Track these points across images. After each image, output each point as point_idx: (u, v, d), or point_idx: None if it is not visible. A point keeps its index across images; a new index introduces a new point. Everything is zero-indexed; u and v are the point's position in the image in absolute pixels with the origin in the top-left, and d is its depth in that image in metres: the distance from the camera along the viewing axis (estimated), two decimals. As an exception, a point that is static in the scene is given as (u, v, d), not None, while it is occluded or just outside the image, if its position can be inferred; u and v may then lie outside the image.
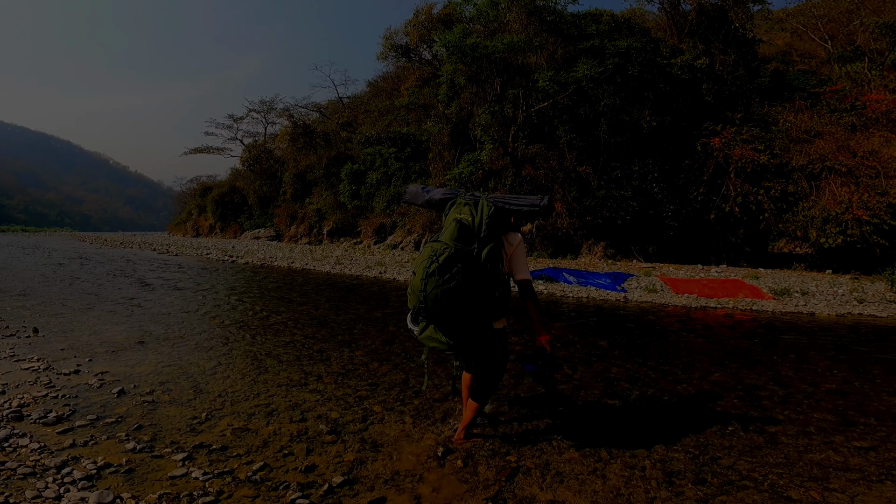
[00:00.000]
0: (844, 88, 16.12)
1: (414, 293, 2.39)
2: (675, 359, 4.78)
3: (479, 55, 16.65)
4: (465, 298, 2.31)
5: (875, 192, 12.53)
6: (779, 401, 3.59)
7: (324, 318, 6.63)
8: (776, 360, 4.72)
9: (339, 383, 3.90)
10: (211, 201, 44.81)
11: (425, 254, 2.37)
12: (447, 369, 4.31)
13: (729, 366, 4.52)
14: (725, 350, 5.13)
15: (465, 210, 2.47)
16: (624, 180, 15.57)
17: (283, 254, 17.38)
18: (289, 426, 3.06)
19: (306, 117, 38.61)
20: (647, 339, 5.55)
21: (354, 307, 7.52)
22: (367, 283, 10.38)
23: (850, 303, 8.40)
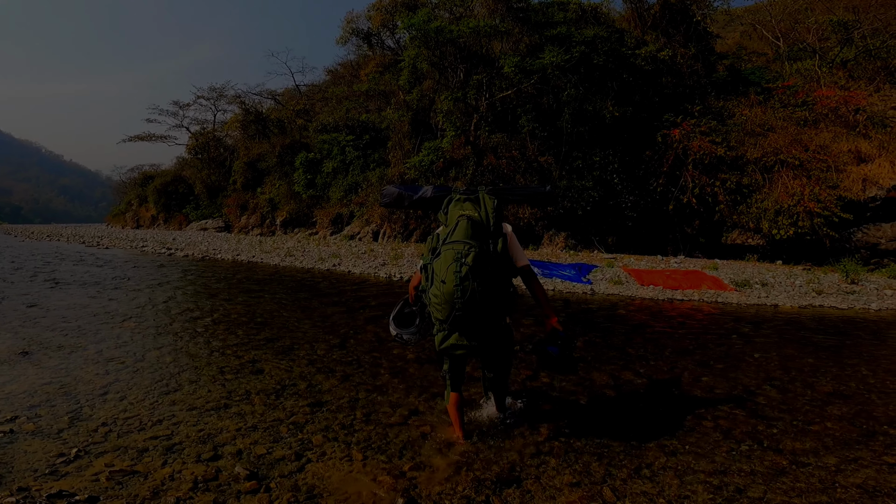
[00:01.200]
0: (796, 84, 16.58)
1: (446, 303, 2.25)
2: (658, 359, 4.36)
3: (443, 40, 15.95)
4: (493, 297, 2.29)
5: (826, 186, 12.86)
6: (781, 408, 3.21)
7: (263, 318, 5.83)
8: (760, 360, 4.39)
9: (270, 405, 3.18)
10: (153, 191, 41.99)
11: (447, 258, 2.24)
12: (406, 380, 3.69)
13: (715, 367, 4.14)
14: (706, 348, 4.78)
15: (467, 206, 2.38)
16: (585, 171, 15.38)
17: (230, 245, 16.12)
18: (193, 467, 2.35)
19: (259, 105, 36.71)
20: (623, 338, 5.13)
21: (302, 305, 6.74)
22: (320, 277, 9.56)
23: (809, 294, 8.41)
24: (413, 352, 4.42)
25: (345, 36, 27.91)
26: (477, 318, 2.27)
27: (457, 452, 2.56)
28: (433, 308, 2.34)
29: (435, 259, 2.32)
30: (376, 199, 20.48)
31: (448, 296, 2.23)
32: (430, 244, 2.45)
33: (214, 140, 39.26)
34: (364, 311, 6.33)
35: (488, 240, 2.32)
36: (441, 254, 2.28)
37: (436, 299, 2.28)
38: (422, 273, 2.50)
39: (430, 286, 2.35)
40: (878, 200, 12.76)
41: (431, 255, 2.40)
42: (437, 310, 2.30)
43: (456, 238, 2.28)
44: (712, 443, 2.68)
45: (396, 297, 7.34)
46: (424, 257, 2.47)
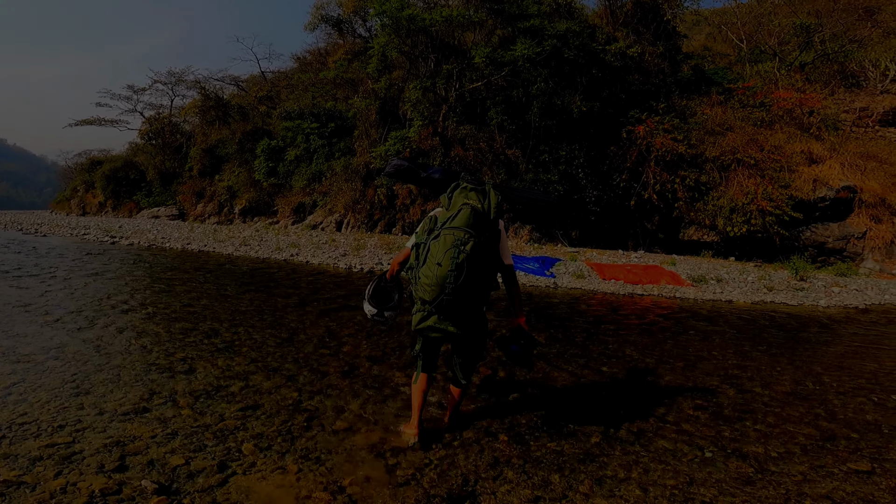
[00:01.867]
0: (755, 86, 17.09)
1: (436, 285, 2.25)
2: (619, 358, 4.25)
3: (415, 28, 15.50)
4: (480, 288, 2.33)
5: (778, 185, 13.30)
6: (743, 410, 3.12)
7: (205, 311, 5.40)
8: (718, 357, 4.36)
9: (198, 408, 2.84)
10: (101, 176, 39.72)
11: (446, 241, 2.25)
12: (356, 380, 3.41)
13: (675, 365, 4.06)
14: (666, 345, 4.72)
15: (472, 196, 2.36)
16: (551, 164, 15.39)
17: (181, 234, 15.23)
18: (92, 479, 2.02)
19: (221, 91, 35.17)
20: (584, 335, 5.01)
21: (251, 296, 6.31)
22: (275, 267, 9.08)
23: (761, 290, 8.63)
24: (366, 349, 4.14)
25: (313, 22, 26.87)
26: (462, 306, 2.29)
27: (406, 463, 2.32)
28: (420, 287, 2.31)
29: (433, 240, 2.30)
30: (341, 187, 19.94)
31: (441, 279, 2.23)
32: (427, 225, 2.42)
33: (170, 125, 37.52)
34: (318, 303, 5.98)
35: (486, 232, 2.32)
36: (441, 236, 2.28)
37: (426, 280, 2.27)
38: (412, 251, 2.46)
39: (420, 265, 2.33)
40: (828, 201, 13.33)
41: (427, 236, 2.37)
42: (426, 291, 2.28)
43: (457, 224, 2.28)
44: (676, 449, 2.55)
45: (355, 289, 7.01)
46: (418, 236, 2.43)
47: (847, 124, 17.49)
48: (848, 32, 21.08)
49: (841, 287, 9.41)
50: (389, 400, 3.06)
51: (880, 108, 17.85)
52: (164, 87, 39.87)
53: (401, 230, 17.28)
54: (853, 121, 17.80)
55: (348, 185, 19.66)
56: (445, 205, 2.44)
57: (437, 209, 2.51)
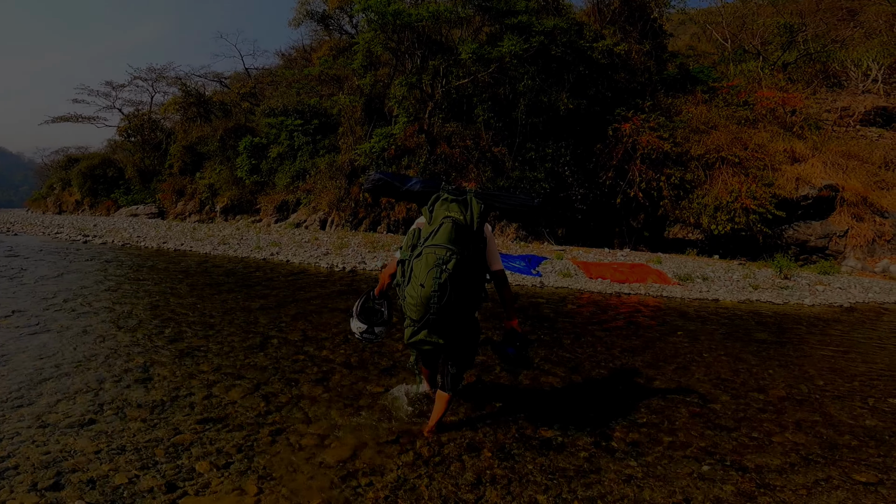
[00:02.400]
0: (739, 85, 17.18)
1: (420, 306, 2.23)
2: (608, 360, 4.09)
3: (401, 24, 15.22)
4: (468, 301, 2.32)
5: (762, 183, 13.35)
6: (738, 417, 2.98)
7: (173, 314, 5.10)
8: (709, 360, 4.22)
9: (151, 421, 2.59)
10: (77, 174, 38.72)
11: (429, 261, 2.21)
12: (330, 389, 3.18)
13: (666, 368, 3.91)
14: (655, 347, 4.57)
15: (453, 207, 2.32)
16: (538, 162, 15.27)
17: (157, 232, 14.74)
18: (23, 498, 1.81)
19: (203, 87, 34.47)
20: (572, 336, 4.84)
21: (224, 297, 6.02)
22: (253, 267, 8.77)
23: (746, 289, 8.58)
24: (342, 355, 3.91)
25: (298, 18, 26.42)
26: (449, 321, 2.28)
27: (379, 484, 2.10)
28: (407, 306, 2.31)
29: (415, 258, 2.27)
30: (325, 185, 19.61)
31: (424, 299, 2.20)
32: (410, 240, 2.39)
33: (150, 122, 36.69)
34: (295, 304, 5.72)
35: (469, 244, 2.28)
36: (422, 255, 2.24)
37: (411, 300, 2.26)
38: (398, 267, 2.43)
39: (405, 284, 2.32)
40: (810, 199, 13.42)
41: (411, 253, 2.34)
42: (412, 310, 2.27)
43: (438, 241, 2.24)
44: (672, 463, 2.38)
45: (335, 290, 6.76)
46: (403, 252, 2.40)
47: (829, 124, 17.70)
48: (830, 32, 21.38)
49: (824, 285, 9.43)
50: (364, 411, 2.84)
51: (861, 108, 18.07)
52: (144, 84, 39.03)
53: (386, 228, 17.02)
54: (834, 120, 18.01)
55: (332, 182, 19.33)
56: (427, 218, 2.37)
57: (421, 219, 2.45)
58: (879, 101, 18.33)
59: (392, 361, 3.71)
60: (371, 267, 8.79)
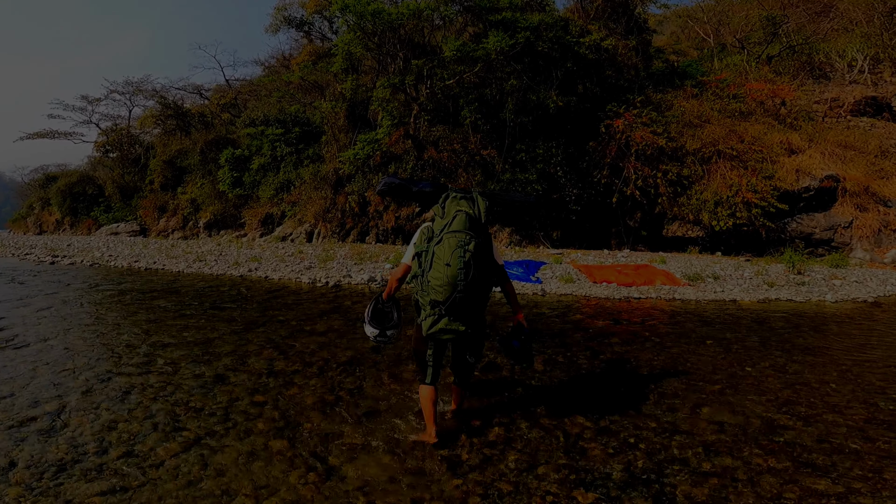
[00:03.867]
0: (727, 78, 16.84)
1: (448, 284, 2.35)
2: (638, 383, 3.44)
3: (381, 24, 14.64)
4: (485, 285, 2.49)
5: (762, 176, 12.90)
6: (825, 450, 2.35)
7: (116, 342, 4.38)
8: (756, 375, 3.60)
9: (39, 487, 1.90)
10: (56, 193, 37.62)
11: (450, 243, 2.37)
12: (296, 443, 2.50)
13: (709, 389, 3.27)
14: (687, 362, 3.94)
15: (463, 204, 2.50)
16: (529, 163, 14.71)
17: (132, 251, 13.92)
18: None
19: (181, 100, 33.70)
20: (588, 355, 4.20)
21: (185, 322, 5.29)
22: (227, 285, 8.03)
23: (761, 287, 8.04)
24: (314, 393, 3.22)
25: (275, 24, 25.81)
26: (472, 303, 2.40)
27: None
28: (432, 290, 2.38)
29: (437, 245, 2.41)
30: (310, 196, 18.96)
31: (452, 278, 2.33)
32: (426, 235, 2.52)
33: (128, 137, 35.77)
34: (266, 328, 5.01)
35: (482, 234, 2.46)
36: (443, 240, 2.39)
37: (437, 281, 2.35)
38: (415, 261, 2.54)
39: (428, 270, 2.41)
40: (812, 190, 12.98)
41: (428, 244, 2.47)
42: (438, 292, 2.36)
43: (456, 228, 2.40)
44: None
45: (315, 309, 6.06)
46: (418, 246, 2.52)
47: (819, 115, 17.41)
48: (810, 25, 21.23)
49: (841, 279, 8.92)
50: (335, 478, 2.15)
51: (851, 99, 17.83)
52: (122, 98, 38.17)
53: (375, 238, 16.35)
54: (824, 111, 17.74)
55: (318, 193, 18.66)
56: (440, 214, 2.53)
57: (428, 221, 2.64)
58: (868, 91, 18.12)
59: (374, 402, 3.04)
60: (357, 280, 8.09)
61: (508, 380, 3.50)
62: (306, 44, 26.32)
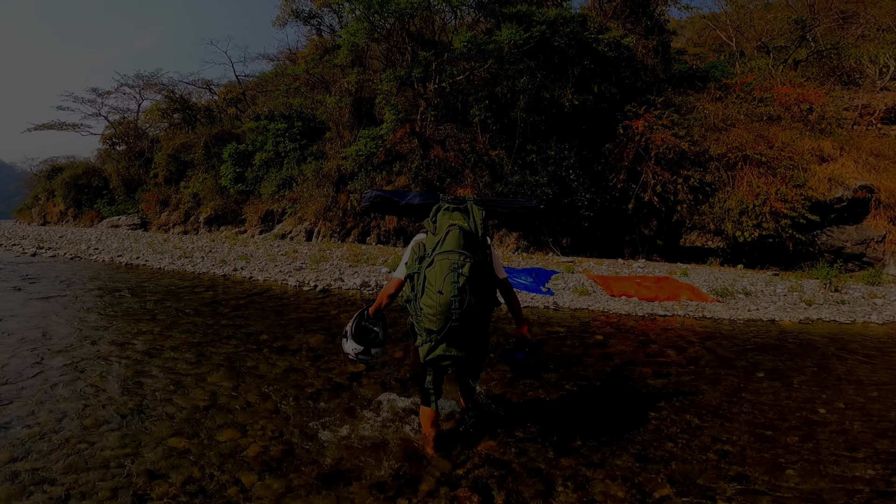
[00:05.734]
0: (754, 81, 15.98)
1: (441, 314, 2.16)
2: (689, 435, 2.64)
3: (390, 15, 13.94)
4: (484, 307, 2.28)
5: (793, 185, 12.02)
6: None
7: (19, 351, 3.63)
8: (833, 419, 2.79)
9: None
10: (61, 184, 37.56)
11: (442, 267, 2.17)
12: None
13: (786, 440, 2.46)
14: (743, 401, 3.13)
15: (456, 216, 2.30)
16: (539, 165, 13.92)
17: (119, 244, 13.26)
18: None
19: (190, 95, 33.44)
20: (617, 389, 3.40)
21: (134, 329, 4.55)
22: (206, 285, 7.29)
23: (799, 305, 7.19)
24: (264, 440, 2.45)
25: (283, 17, 25.24)
26: (470, 329, 2.22)
27: None
28: (424, 319, 2.22)
29: (428, 268, 2.21)
30: (312, 193, 18.33)
31: (445, 306, 2.14)
32: (417, 253, 2.32)
33: (135, 130, 35.60)
34: (228, 341, 4.26)
35: (478, 250, 2.25)
36: (435, 263, 2.20)
37: (430, 310, 2.17)
38: (407, 282, 2.36)
39: (420, 296, 2.23)
40: (845, 201, 12.07)
41: (419, 265, 2.28)
42: (431, 321, 2.19)
43: (448, 248, 2.20)
44: None
45: (293, 317, 5.31)
46: (410, 266, 2.33)
47: (848, 122, 16.50)
48: (839, 30, 20.30)
49: (882, 298, 8.04)
50: None
51: (882, 106, 16.88)
52: (131, 91, 38.17)
53: (376, 239, 15.63)
54: (854, 118, 16.81)
55: (319, 190, 18.01)
56: (431, 229, 2.34)
57: (421, 234, 2.42)
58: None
59: (334, 461, 2.27)
60: (348, 285, 7.33)
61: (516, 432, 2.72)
62: (314, 37, 25.73)
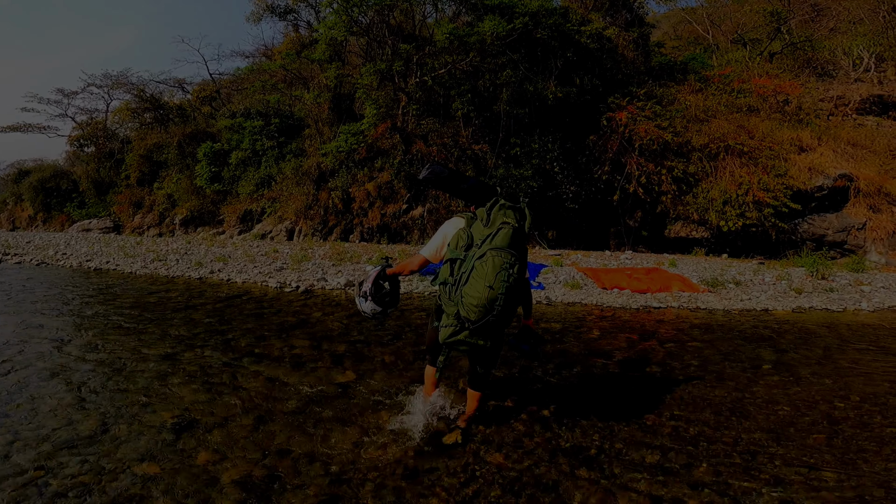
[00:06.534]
0: (732, 73, 16.10)
1: (484, 307, 2.21)
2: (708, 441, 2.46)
3: (368, 8, 13.55)
4: (518, 304, 2.39)
5: (774, 174, 12.10)
6: None
7: None
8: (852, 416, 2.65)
9: None
10: (28, 188, 36.13)
11: (495, 263, 2.22)
12: None
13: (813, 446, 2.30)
14: (756, 400, 2.97)
15: (510, 214, 2.34)
16: (523, 159, 13.75)
17: (89, 249, 12.64)
18: None
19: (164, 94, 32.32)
20: (623, 391, 3.20)
21: (90, 341, 4.20)
22: (178, 290, 6.90)
23: (788, 294, 7.18)
24: (246, 460, 2.18)
25: (257, 12, 24.49)
26: (502, 323, 2.30)
27: None
28: (463, 307, 2.23)
29: (479, 259, 2.24)
30: (291, 192, 17.88)
31: (491, 301, 2.21)
32: (463, 239, 2.36)
33: (104, 131, 34.36)
34: (201, 350, 3.94)
35: (523, 251, 2.33)
36: (487, 256, 2.23)
37: (473, 300, 2.21)
38: (447, 265, 2.39)
39: (463, 284, 2.26)
40: (825, 190, 12.22)
41: (466, 252, 2.32)
42: (472, 311, 2.22)
43: (499, 244, 2.25)
44: None
45: (273, 322, 5.01)
46: (454, 252, 2.35)
47: (824, 113, 16.77)
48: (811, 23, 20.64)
49: (868, 285, 8.10)
50: None
51: (857, 97, 17.19)
52: (99, 91, 36.77)
53: (359, 237, 15.29)
54: (830, 109, 17.09)
55: (299, 189, 17.57)
56: (484, 220, 2.36)
57: (459, 220, 2.48)
58: (874, 90, 17.51)
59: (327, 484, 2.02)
60: (332, 285, 7.03)
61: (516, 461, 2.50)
62: (291, 32, 25.09)
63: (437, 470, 2.19)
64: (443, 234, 2.45)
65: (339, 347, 4.00)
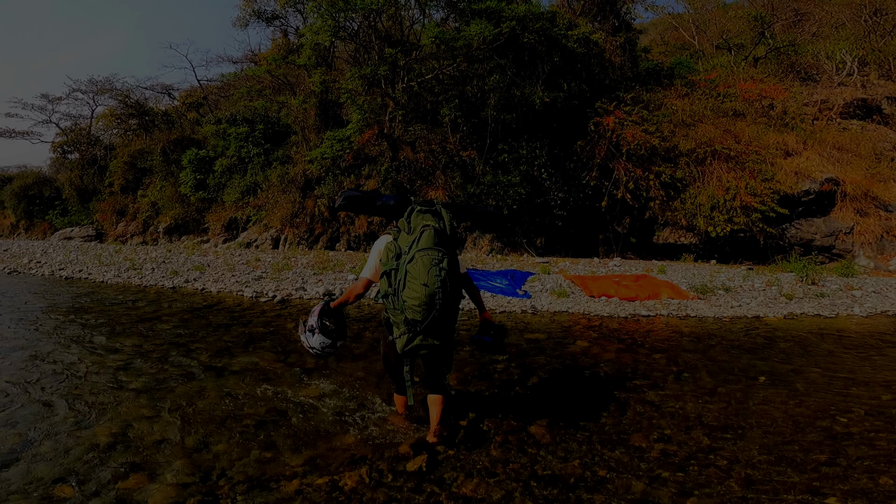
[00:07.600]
0: (716, 78, 16.15)
1: (425, 304, 2.31)
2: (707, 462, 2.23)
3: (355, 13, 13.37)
4: (457, 299, 2.49)
5: (761, 178, 12.05)
6: None
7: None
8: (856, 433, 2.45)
9: None
10: (10, 195, 35.50)
11: (425, 262, 2.33)
12: None
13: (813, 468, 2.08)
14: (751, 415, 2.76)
15: (428, 218, 2.46)
16: (511, 165, 13.59)
17: (64, 257, 12.22)
18: None
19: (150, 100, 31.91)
20: (612, 408, 2.97)
21: (61, 347, 3.90)
22: (148, 299, 6.58)
23: (779, 300, 7.02)
24: (172, 491, 1.92)
25: (243, 18, 24.23)
26: (448, 318, 2.40)
27: None
28: (408, 311, 2.33)
29: (409, 264, 2.34)
30: (277, 199, 17.57)
31: (430, 297, 2.29)
32: (392, 251, 2.44)
33: (88, 137, 33.82)
34: (163, 363, 3.66)
35: (450, 248, 2.42)
36: (416, 259, 2.33)
37: (414, 301, 2.30)
38: (384, 279, 2.46)
39: (401, 290, 2.35)
40: (812, 194, 12.18)
41: (397, 261, 2.40)
42: (416, 312, 2.32)
43: (424, 245, 2.35)
44: None
45: (240, 333, 4.73)
46: (386, 264, 2.44)
47: (809, 117, 16.87)
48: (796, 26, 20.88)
49: (858, 289, 8.00)
50: None
51: (840, 101, 17.31)
52: (84, 97, 36.21)
53: (346, 245, 15.02)
54: (814, 114, 17.20)
55: (285, 196, 17.27)
56: (406, 229, 2.46)
57: (386, 236, 2.57)
58: (857, 93, 17.67)
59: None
60: (311, 294, 6.76)
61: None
62: (278, 38, 24.86)
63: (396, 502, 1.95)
64: (376, 252, 2.53)
65: (308, 361, 3.74)
